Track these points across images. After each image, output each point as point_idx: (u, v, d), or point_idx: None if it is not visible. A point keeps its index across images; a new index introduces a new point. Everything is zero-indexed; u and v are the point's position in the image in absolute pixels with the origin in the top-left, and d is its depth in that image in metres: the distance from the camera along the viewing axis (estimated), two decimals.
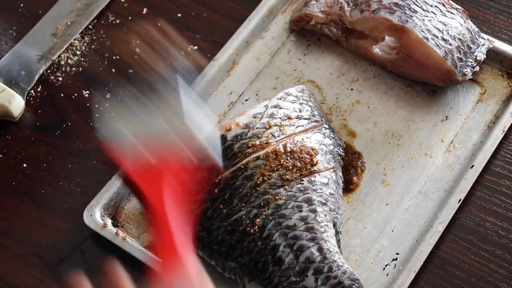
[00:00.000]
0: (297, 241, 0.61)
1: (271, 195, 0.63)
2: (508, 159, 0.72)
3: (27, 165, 0.76)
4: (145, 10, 0.86)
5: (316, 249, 0.61)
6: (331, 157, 0.67)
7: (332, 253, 0.62)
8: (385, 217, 0.69)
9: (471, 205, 0.70)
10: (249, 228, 0.62)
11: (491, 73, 0.77)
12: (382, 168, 0.72)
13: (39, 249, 0.71)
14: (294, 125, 0.67)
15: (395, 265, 0.66)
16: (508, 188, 0.71)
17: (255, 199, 0.63)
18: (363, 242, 0.68)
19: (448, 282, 0.66)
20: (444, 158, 0.72)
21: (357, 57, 0.79)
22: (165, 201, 0.53)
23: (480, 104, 0.75)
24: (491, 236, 0.68)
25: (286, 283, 0.61)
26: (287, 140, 0.65)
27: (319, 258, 0.61)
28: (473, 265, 0.67)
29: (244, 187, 0.63)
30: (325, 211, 0.63)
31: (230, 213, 0.63)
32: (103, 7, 0.86)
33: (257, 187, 0.63)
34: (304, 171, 0.64)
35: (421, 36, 0.71)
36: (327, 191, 0.64)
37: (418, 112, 0.75)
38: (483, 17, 0.81)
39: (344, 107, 0.76)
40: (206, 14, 0.85)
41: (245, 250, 0.62)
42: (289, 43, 0.81)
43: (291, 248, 0.61)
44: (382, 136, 0.74)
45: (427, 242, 0.66)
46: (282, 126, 0.66)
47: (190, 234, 0.54)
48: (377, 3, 0.74)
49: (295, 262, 0.61)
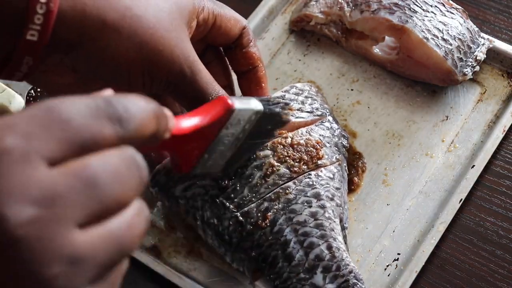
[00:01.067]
0: (308, 237, 0.62)
1: (281, 188, 0.63)
2: (508, 159, 0.72)
3: None
4: None
5: (325, 247, 0.61)
6: (335, 150, 0.67)
7: (340, 251, 0.62)
8: (386, 217, 0.69)
9: (471, 205, 0.70)
10: (260, 221, 0.62)
11: (491, 73, 0.76)
12: (383, 168, 0.72)
13: None
14: (294, 116, 0.67)
15: (396, 265, 0.66)
16: (508, 188, 0.71)
17: (265, 190, 0.63)
18: (365, 243, 0.68)
19: (448, 282, 0.66)
20: (444, 158, 0.72)
21: (357, 57, 0.79)
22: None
23: (481, 104, 0.75)
24: (491, 236, 0.68)
25: (295, 279, 0.61)
26: (289, 134, 0.65)
27: (328, 256, 0.61)
28: (473, 265, 0.67)
29: (254, 177, 0.63)
30: (332, 206, 0.63)
31: (241, 204, 0.63)
32: None
33: (266, 178, 0.63)
34: (310, 165, 0.64)
35: (421, 36, 0.71)
36: (333, 185, 0.64)
37: (419, 112, 0.75)
38: (483, 17, 0.81)
39: (344, 107, 0.76)
40: None
41: (255, 243, 0.62)
42: (289, 44, 0.81)
43: (301, 244, 0.61)
44: (383, 136, 0.74)
45: (428, 242, 0.66)
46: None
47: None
48: (377, 4, 0.74)
49: (305, 259, 0.61)
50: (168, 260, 0.68)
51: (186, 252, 0.68)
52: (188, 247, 0.69)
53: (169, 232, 0.69)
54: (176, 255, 0.68)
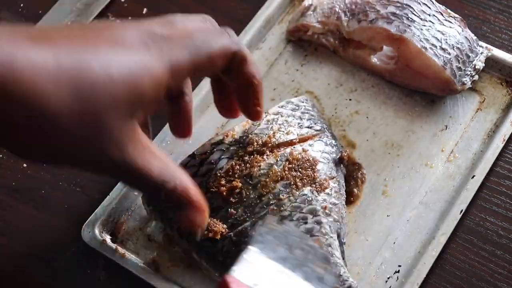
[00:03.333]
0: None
1: (276, 205, 0.62)
2: (508, 158, 0.72)
3: (27, 165, 0.75)
4: (145, 10, 0.86)
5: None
6: (333, 165, 0.66)
7: (338, 267, 0.61)
8: (386, 229, 0.68)
9: (470, 204, 0.69)
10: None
11: (490, 82, 0.76)
12: (383, 179, 0.71)
13: (39, 249, 0.70)
14: (294, 133, 0.66)
15: (397, 277, 0.66)
16: (508, 188, 0.70)
17: (259, 209, 0.62)
18: (365, 255, 0.67)
19: (447, 282, 0.66)
20: (444, 168, 0.71)
21: (355, 67, 0.78)
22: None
23: (480, 113, 0.74)
24: (491, 236, 0.68)
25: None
26: (286, 150, 0.65)
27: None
28: (473, 265, 0.67)
29: (248, 197, 0.62)
30: (329, 222, 0.63)
31: (234, 224, 0.62)
32: (103, 7, 0.86)
33: (262, 197, 0.62)
34: (306, 181, 0.63)
35: (420, 45, 0.71)
36: (330, 201, 0.64)
37: (418, 122, 0.74)
38: (483, 17, 0.81)
39: (343, 117, 0.75)
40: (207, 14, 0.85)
41: None
42: (286, 54, 0.80)
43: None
44: (382, 146, 0.73)
45: (429, 254, 0.65)
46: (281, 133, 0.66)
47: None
48: (375, 13, 0.73)
49: None
50: (167, 275, 0.67)
51: (185, 266, 0.68)
52: (187, 260, 0.68)
53: (168, 246, 0.69)
54: (175, 269, 0.68)
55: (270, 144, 0.65)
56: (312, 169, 0.64)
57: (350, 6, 0.76)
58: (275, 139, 0.65)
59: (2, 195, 0.74)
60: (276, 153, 0.64)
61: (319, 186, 0.64)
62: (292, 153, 0.64)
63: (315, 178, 0.64)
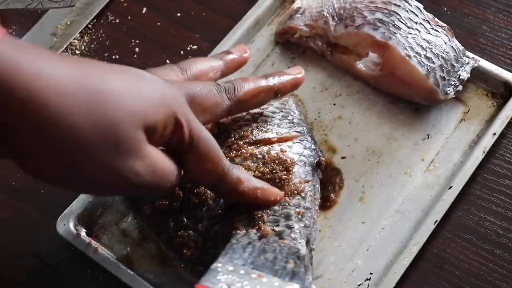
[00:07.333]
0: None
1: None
2: (507, 158, 0.72)
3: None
4: (144, 10, 0.87)
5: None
6: (310, 169, 0.66)
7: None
8: (361, 236, 0.68)
9: (470, 204, 0.69)
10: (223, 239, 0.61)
11: (476, 92, 0.76)
12: (361, 186, 0.71)
13: (39, 249, 0.70)
14: (273, 132, 0.66)
15: (368, 285, 0.65)
16: (507, 187, 0.70)
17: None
18: (337, 260, 0.67)
19: (447, 282, 0.66)
20: (423, 178, 0.71)
21: (341, 71, 0.78)
22: None
23: (463, 123, 0.74)
24: (490, 236, 0.68)
25: None
26: (263, 148, 0.64)
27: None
28: (472, 264, 0.66)
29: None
30: (300, 227, 0.62)
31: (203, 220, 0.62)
32: (102, 6, 0.86)
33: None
34: (279, 183, 0.63)
35: (404, 53, 0.70)
36: (304, 205, 0.63)
37: (400, 129, 0.74)
38: (482, 16, 0.81)
39: (325, 122, 0.75)
40: (206, 13, 0.85)
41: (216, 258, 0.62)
42: (273, 55, 0.80)
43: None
44: (363, 152, 0.73)
45: (400, 263, 0.65)
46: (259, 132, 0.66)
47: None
48: (362, 19, 0.73)
49: None
50: (139, 271, 0.67)
51: (158, 263, 0.68)
52: (161, 257, 0.68)
53: (142, 242, 0.69)
54: (148, 266, 0.68)
55: (247, 140, 0.64)
56: (288, 170, 0.64)
57: (339, 11, 0.76)
58: (253, 136, 0.65)
59: (2, 195, 0.74)
60: (253, 150, 0.64)
61: (293, 189, 0.63)
62: (270, 152, 0.64)
63: (290, 180, 0.63)
